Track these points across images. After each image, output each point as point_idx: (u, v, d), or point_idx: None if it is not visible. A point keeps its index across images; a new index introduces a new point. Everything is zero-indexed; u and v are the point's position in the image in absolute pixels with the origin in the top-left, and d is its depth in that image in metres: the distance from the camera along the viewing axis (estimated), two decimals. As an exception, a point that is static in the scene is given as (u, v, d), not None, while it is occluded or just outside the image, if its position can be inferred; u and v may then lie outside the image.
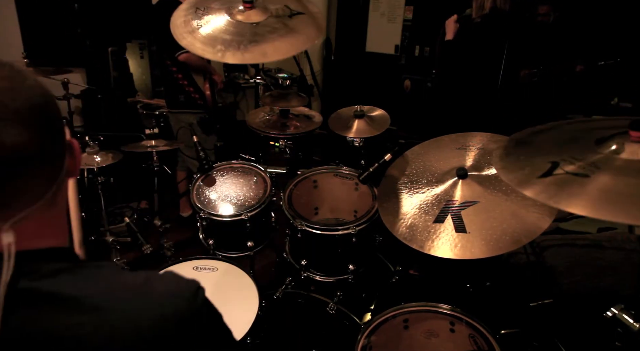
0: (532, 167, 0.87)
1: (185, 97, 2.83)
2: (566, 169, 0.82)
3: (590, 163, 0.81)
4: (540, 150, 0.93)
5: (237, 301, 1.42)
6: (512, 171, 0.90)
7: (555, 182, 0.80)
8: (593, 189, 0.76)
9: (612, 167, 0.79)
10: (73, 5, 3.35)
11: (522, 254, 1.58)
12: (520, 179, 0.85)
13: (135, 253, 2.08)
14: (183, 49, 2.63)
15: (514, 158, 0.94)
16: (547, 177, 0.82)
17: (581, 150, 0.86)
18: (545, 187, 0.81)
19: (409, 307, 1.32)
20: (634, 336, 0.92)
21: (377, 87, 4.77)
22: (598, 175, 0.78)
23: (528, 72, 2.96)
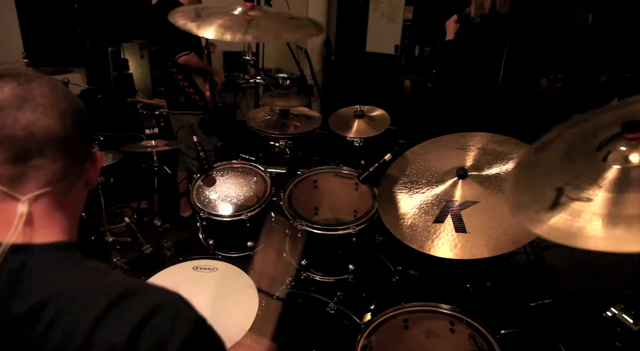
0: (541, 199, 0.85)
1: (185, 98, 2.83)
2: (570, 195, 0.80)
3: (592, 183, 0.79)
4: (546, 174, 0.91)
5: (237, 301, 1.42)
6: (523, 209, 0.88)
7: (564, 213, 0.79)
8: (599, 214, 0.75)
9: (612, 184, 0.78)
10: (73, 5, 3.35)
11: (522, 254, 1.58)
12: (532, 218, 0.83)
13: (135, 253, 2.08)
14: (183, 51, 2.64)
15: (523, 189, 0.93)
16: (555, 208, 0.81)
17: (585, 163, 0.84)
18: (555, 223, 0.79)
19: (409, 307, 1.32)
20: (633, 336, 0.92)
21: (377, 87, 4.76)
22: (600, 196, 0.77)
23: (553, 76, 2.92)
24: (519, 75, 2.55)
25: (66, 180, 0.62)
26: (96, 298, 0.54)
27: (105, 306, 0.53)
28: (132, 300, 0.56)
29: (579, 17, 3.00)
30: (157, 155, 2.23)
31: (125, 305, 0.55)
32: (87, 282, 0.57)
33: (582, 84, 2.96)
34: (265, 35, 1.54)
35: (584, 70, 2.97)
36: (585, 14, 2.98)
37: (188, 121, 2.86)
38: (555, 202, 0.81)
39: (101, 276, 0.59)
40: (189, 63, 2.69)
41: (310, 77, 4.47)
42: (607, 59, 3.00)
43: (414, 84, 4.43)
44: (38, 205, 0.60)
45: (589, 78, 2.98)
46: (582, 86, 2.95)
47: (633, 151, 0.80)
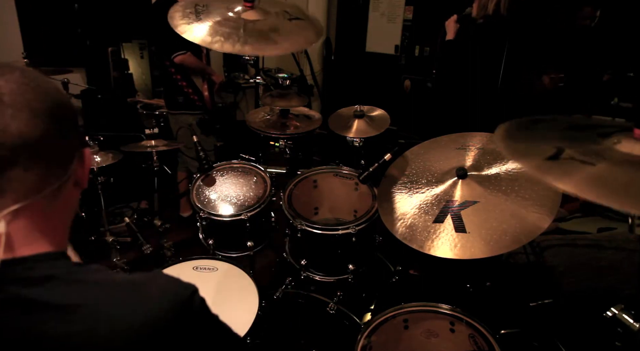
0: (538, 149, 0.86)
1: (184, 98, 2.84)
2: (572, 155, 0.81)
3: (593, 152, 0.81)
4: (544, 137, 0.92)
5: (237, 301, 1.42)
6: (516, 149, 0.89)
7: (562, 165, 0.80)
8: (597, 175, 0.77)
9: (615, 158, 0.79)
10: (73, 5, 3.36)
11: (522, 254, 1.58)
12: (525, 156, 0.85)
13: (135, 253, 2.08)
14: (179, 51, 2.64)
15: (518, 139, 0.93)
16: (554, 160, 0.81)
17: (584, 140, 0.85)
18: (550, 168, 0.80)
19: (409, 307, 1.32)
20: (634, 336, 0.92)
21: (377, 87, 4.76)
22: (602, 164, 0.78)
23: (555, 76, 2.91)
24: (519, 75, 2.54)
25: (48, 188, 0.56)
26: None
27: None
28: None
29: (587, 16, 2.99)
30: (157, 155, 2.23)
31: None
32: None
33: (584, 83, 2.95)
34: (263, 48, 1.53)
35: (586, 69, 2.96)
36: (594, 13, 2.97)
37: (187, 121, 2.86)
38: (555, 155, 0.82)
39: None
40: (185, 62, 2.69)
41: (310, 77, 4.45)
42: (610, 58, 2.99)
43: (414, 84, 4.43)
44: (19, 221, 0.54)
45: (591, 77, 2.98)
46: (583, 85, 2.94)
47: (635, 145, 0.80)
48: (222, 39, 1.47)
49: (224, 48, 1.45)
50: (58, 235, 0.60)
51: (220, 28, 1.51)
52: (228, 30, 1.50)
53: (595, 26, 2.98)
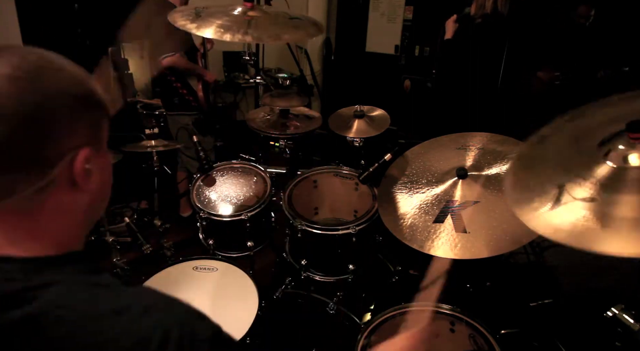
0: (541, 196, 0.84)
1: (179, 99, 2.85)
2: (573, 194, 0.80)
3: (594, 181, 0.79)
4: (548, 169, 0.90)
5: (237, 301, 1.42)
6: (524, 205, 0.86)
7: (566, 213, 0.79)
8: (602, 215, 0.75)
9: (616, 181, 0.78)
10: (73, 5, 3.35)
11: (522, 254, 1.58)
12: (533, 215, 0.83)
13: (135, 253, 2.08)
14: (167, 53, 2.66)
15: (523, 185, 0.91)
16: (556, 206, 0.80)
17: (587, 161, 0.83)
18: (557, 223, 0.79)
19: (409, 307, 1.32)
20: (634, 336, 0.92)
21: (377, 87, 4.76)
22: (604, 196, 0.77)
23: (550, 74, 2.91)
24: (519, 74, 2.54)
25: (20, 192, 0.53)
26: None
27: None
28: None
29: (582, 15, 3.00)
30: (157, 155, 2.23)
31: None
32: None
33: (581, 81, 2.95)
34: (264, 36, 1.53)
35: (583, 67, 2.96)
36: (589, 11, 2.98)
37: (183, 121, 2.87)
38: (557, 200, 0.81)
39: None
40: (174, 64, 2.71)
41: (310, 77, 4.47)
42: (606, 55, 2.99)
43: (414, 84, 4.43)
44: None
45: (588, 75, 2.98)
46: (581, 83, 2.95)
47: (632, 151, 0.79)
48: (222, 30, 1.47)
49: (225, 37, 1.45)
50: (50, 238, 0.58)
51: (221, 22, 1.51)
52: (229, 24, 1.51)
53: (590, 25, 2.99)
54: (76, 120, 0.56)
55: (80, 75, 0.59)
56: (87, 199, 0.61)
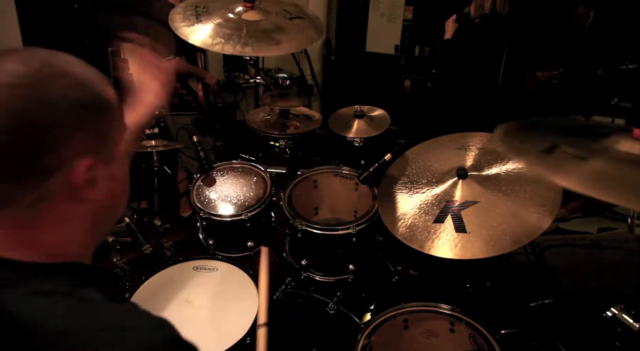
0: (534, 143, 0.87)
1: (178, 99, 2.86)
2: (566, 150, 0.82)
3: (589, 149, 0.81)
4: (542, 134, 0.93)
5: (237, 301, 1.42)
6: (512, 144, 0.89)
7: (554, 158, 0.81)
8: (589, 170, 0.77)
9: (611, 156, 0.80)
10: (73, 5, 3.35)
11: (522, 254, 1.58)
12: (519, 150, 0.85)
13: (135, 253, 2.07)
14: (167, 57, 2.66)
15: (515, 136, 0.94)
16: (547, 153, 0.82)
17: (582, 139, 0.86)
18: (542, 161, 0.81)
19: (409, 307, 1.32)
20: (634, 336, 0.92)
21: (377, 87, 4.76)
22: (596, 160, 0.79)
23: (548, 73, 2.92)
24: (518, 74, 2.54)
25: (15, 203, 0.53)
26: None
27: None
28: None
29: (581, 15, 3.00)
30: (157, 155, 2.23)
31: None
32: None
33: (579, 80, 2.95)
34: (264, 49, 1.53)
35: (582, 66, 2.97)
36: (588, 12, 2.98)
37: (183, 121, 2.88)
38: (549, 150, 0.82)
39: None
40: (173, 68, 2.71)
41: (310, 77, 4.46)
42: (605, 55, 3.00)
43: (414, 84, 4.43)
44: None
45: (586, 74, 2.98)
46: (579, 82, 2.95)
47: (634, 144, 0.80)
48: (222, 41, 1.47)
49: (225, 49, 1.45)
50: (48, 247, 0.57)
51: (220, 29, 1.51)
52: (229, 32, 1.50)
53: (589, 25, 2.99)
54: (76, 128, 0.54)
55: (87, 78, 0.57)
56: (92, 208, 0.59)
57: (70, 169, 0.54)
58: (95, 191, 0.57)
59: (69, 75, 0.55)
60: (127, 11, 2.87)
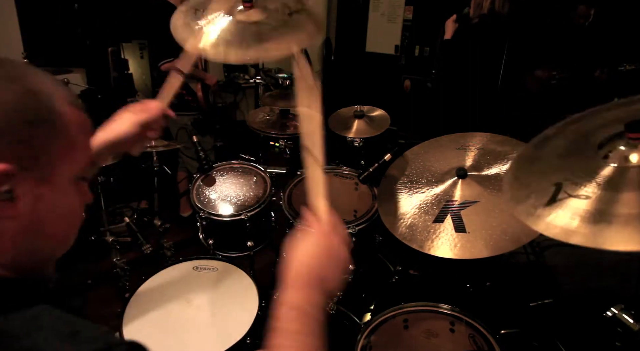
0: (538, 193, 0.85)
1: (178, 99, 2.85)
2: (569, 191, 0.80)
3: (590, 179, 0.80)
4: (545, 169, 0.91)
5: (237, 301, 1.42)
6: (521, 202, 0.87)
7: (561, 208, 0.79)
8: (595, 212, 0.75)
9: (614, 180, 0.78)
10: (73, 5, 3.35)
11: (522, 254, 1.58)
12: (529, 212, 0.83)
13: (135, 253, 2.08)
14: (166, 59, 2.67)
15: (521, 184, 0.92)
16: (552, 203, 0.81)
17: (584, 161, 0.84)
18: (554, 217, 0.79)
19: (409, 307, 1.32)
20: (634, 336, 0.92)
21: (377, 87, 4.76)
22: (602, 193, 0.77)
23: (547, 74, 2.91)
24: (519, 74, 2.54)
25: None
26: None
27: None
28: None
29: (581, 15, 3.00)
30: (157, 155, 2.23)
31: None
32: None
33: (578, 80, 2.95)
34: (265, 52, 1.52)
35: (581, 66, 2.96)
36: (589, 11, 2.98)
37: (182, 121, 2.88)
38: (553, 198, 0.81)
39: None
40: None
41: (310, 77, 4.46)
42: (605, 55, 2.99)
43: (414, 84, 4.43)
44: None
45: (585, 74, 2.98)
46: (578, 82, 2.95)
47: (633, 150, 0.80)
48: (224, 49, 1.46)
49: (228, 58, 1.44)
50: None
51: (221, 35, 1.51)
52: (229, 38, 1.50)
53: (589, 25, 2.99)
54: (3, 132, 0.50)
55: (41, 90, 0.54)
56: (8, 226, 0.53)
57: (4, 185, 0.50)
58: (10, 207, 0.52)
59: (20, 83, 0.53)
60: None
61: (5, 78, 0.52)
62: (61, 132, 0.55)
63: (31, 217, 0.54)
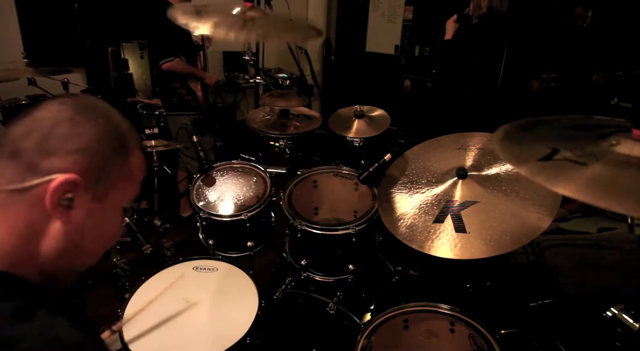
0: (532, 150, 0.86)
1: (178, 99, 2.86)
2: (565, 155, 0.81)
3: (589, 153, 0.80)
4: (542, 137, 0.92)
5: (237, 301, 1.42)
6: (512, 151, 0.89)
7: (554, 166, 0.80)
8: (589, 176, 0.76)
9: (611, 159, 0.79)
10: (73, 5, 3.35)
11: (522, 254, 1.58)
12: (518, 158, 0.85)
13: (135, 253, 2.07)
14: (167, 58, 2.68)
15: (514, 141, 0.93)
16: (546, 160, 0.81)
17: (582, 141, 0.85)
18: (542, 169, 0.80)
19: (409, 307, 1.32)
20: (634, 336, 0.92)
21: (377, 87, 4.76)
22: (596, 165, 0.78)
23: (546, 76, 2.91)
24: (519, 74, 2.54)
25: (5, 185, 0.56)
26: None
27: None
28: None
29: (579, 16, 3.00)
30: (157, 155, 2.23)
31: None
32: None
33: (576, 83, 2.95)
34: (267, 34, 1.53)
35: (579, 69, 2.96)
36: (586, 13, 2.98)
37: (182, 121, 2.88)
38: (548, 156, 0.82)
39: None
40: (172, 69, 2.73)
41: (310, 77, 4.47)
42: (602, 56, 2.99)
43: (414, 84, 4.43)
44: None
45: (583, 77, 2.98)
46: (576, 86, 2.95)
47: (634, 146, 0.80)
48: (225, 28, 1.46)
49: (229, 36, 1.44)
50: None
51: (223, 20, 1.51)
52: (232, 21, 1.51)
53: (587, 26, 2.98)
54: (74, 148, 0.59)
55: (119, 121, 0.67)
56: (56, 231, 0.59)
57: (51, 180, 0.57)
58: (66, 214, 0.59)
59: (111, 117, 0.66)
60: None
61: (100, 110, 0.65)
62: (128, 165, 0.66)
63: (78, 227, 0.60)
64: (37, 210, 0.57)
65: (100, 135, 0.61)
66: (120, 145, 0.65)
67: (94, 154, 0.60)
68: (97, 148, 0.60)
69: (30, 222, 0.58)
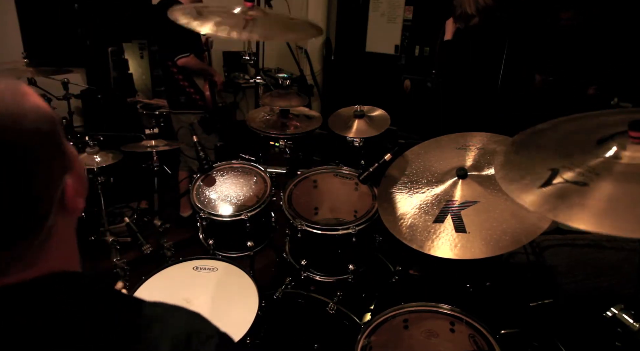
0: (533, 175, 0.85)
1: (186, 98, 2.86)
2: (565, 177, 0.80)
3: (589, 170, 0.80)
4: (541, 155, 0.91)
5: (237, 301, 1.42)
6: (513, 181, 0.88)
7: (556, 192, 0.79)
8: (593, 199, 0.75)
9: (612, 172, 0.78)
10: (73, 5, 3.36)
11: (522, 254, 1.57)
12: (521, 190, 0.84)
13: (135, 253, 2.08)
14: (182, 53, 2.67)
15: (515, 166, 0.93)
16: (547, 186, 0.81)
17: (582, 152, 0.84)
18: (546, 199, 0.79)
19: (409, 307, 1.32)
20: (634, 336, 0.92)
21: (377, 87, 4.76)
22: (598, 183, 0.77)
23: (542, 78, 2.91)
24: (519, 74, 2.54)
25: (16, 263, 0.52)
26: None
27: None
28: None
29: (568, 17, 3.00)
30: (157, 155, 2.23)
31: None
32: None
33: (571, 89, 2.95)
34: (268, 34, 1.54)
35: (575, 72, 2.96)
36: (581, 16, 2.98)
37: (188, 120, 2.88)
38: (548, 181, 0.81)
39: None
40: (188, 65, 2.72)
41: (310, 77, 4.47)
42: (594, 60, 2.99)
43: (414, 84, 4.43)
44: None
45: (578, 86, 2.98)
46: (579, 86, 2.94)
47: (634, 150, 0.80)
48: (228, 28, 1.47)
49: (231, 36, 1.45)
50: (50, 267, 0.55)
51: (225, 19, 1.52)
52: (233, 21, 1.51)
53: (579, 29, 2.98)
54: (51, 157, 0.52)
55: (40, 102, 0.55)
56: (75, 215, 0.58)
57: (62, 196, 0.53)
58: (80, 199, 0.57)
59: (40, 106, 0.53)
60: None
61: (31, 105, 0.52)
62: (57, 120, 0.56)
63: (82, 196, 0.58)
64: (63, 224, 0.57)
65: (50, 116, 0.53)
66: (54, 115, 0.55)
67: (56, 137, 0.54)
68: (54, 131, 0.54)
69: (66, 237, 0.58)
